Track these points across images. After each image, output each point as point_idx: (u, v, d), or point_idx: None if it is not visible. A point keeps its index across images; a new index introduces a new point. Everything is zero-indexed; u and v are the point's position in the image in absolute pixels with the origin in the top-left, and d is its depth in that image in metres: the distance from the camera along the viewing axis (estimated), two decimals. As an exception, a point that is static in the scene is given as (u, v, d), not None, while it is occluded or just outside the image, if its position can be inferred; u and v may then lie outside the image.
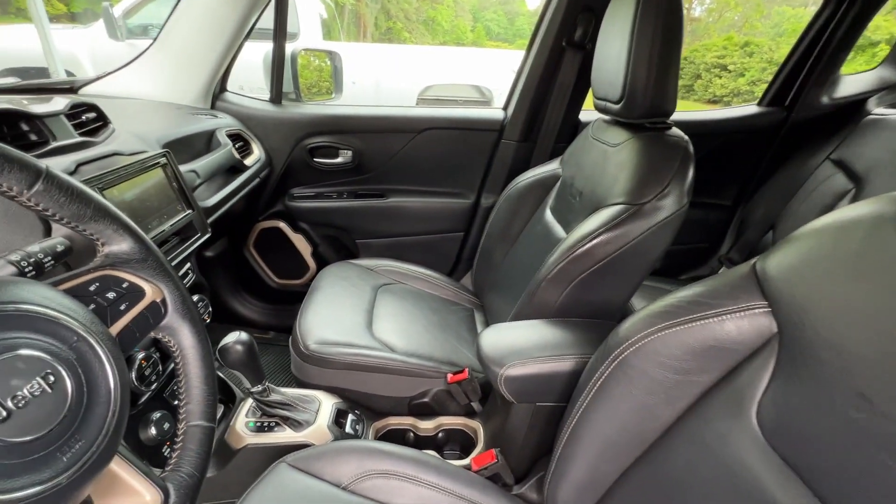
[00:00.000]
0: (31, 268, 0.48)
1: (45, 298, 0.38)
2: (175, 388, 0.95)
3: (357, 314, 1.20)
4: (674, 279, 1.71)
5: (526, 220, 1.30)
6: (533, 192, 1.29)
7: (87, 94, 1.30)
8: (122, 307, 0.46)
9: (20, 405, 0.33)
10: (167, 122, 1.08)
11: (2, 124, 0.62)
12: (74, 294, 0.43)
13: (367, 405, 1.06)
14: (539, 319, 0.92)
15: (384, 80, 5.03)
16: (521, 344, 0.83)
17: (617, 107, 0.95)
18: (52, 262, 0.48)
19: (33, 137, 0.65)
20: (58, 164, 0.64)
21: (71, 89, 1.29)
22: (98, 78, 1.31)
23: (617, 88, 0.93)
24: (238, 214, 1.54)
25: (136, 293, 0.48)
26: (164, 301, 0.51)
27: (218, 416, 0.97)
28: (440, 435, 1.05)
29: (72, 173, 0.65)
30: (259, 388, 0.85)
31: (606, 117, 1.11)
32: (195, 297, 0.94)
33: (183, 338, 0.52)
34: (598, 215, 0.89)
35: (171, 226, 0.78)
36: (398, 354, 1.05)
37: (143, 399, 0.77)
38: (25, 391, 0.33)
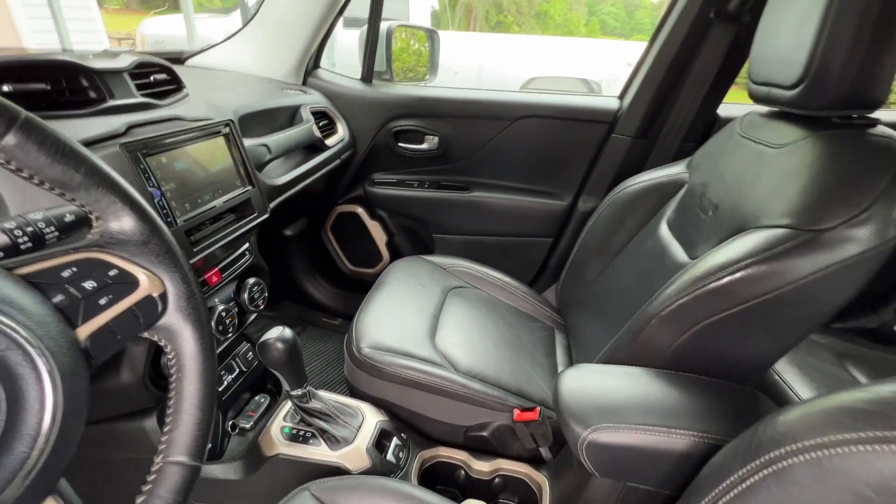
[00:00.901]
0: (26, 239, 0.40)
1: None
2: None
3: (421, 318, 1.07)
4: (823, 326, 1.33)
5: (632, 233, 1.07)
6: (646, 199, 1.05)
7: (192, 65, 1.32)
8: (103, 301, 0.37)
9: None
10: (250, 94, 1.03)
11: (61, 79, 0.57)
12: (37, 281, 0.34)
13: (416, 427, 0.93)
14: (643, 368, 0.70)
15: (487, 71, 4.87)
16: (616, 400, 0.63)
17: (790, 93, 0.69)
18: (57, 234, 0.41)
19: (92, 94, 0.60)
20: (108, 124, 0.58)
21: (179, 60, 1.33)
22: (202, 50, 1.34)
23: (794, 68, 0.66)
24: (318, 195, 1.50)
25: (125, 284, 0.38)
26: (163, 296, 0.41)
27: (260, 412, 0.91)
28: (496, 480, 0.88)
29: (121, 135, 0.59)
30: (298, 392, 0.76)
31: (765, 109, 0.84)
32: (251, 281, 0.87)
33: (183, 343, 0.42)
34: (744, 240, 0.65)
35: (225, 202, 0.70)
36: (459, 376, 0.90)
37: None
38: None
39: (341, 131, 1.35)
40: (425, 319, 1.07)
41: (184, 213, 0.62)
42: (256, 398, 0.94)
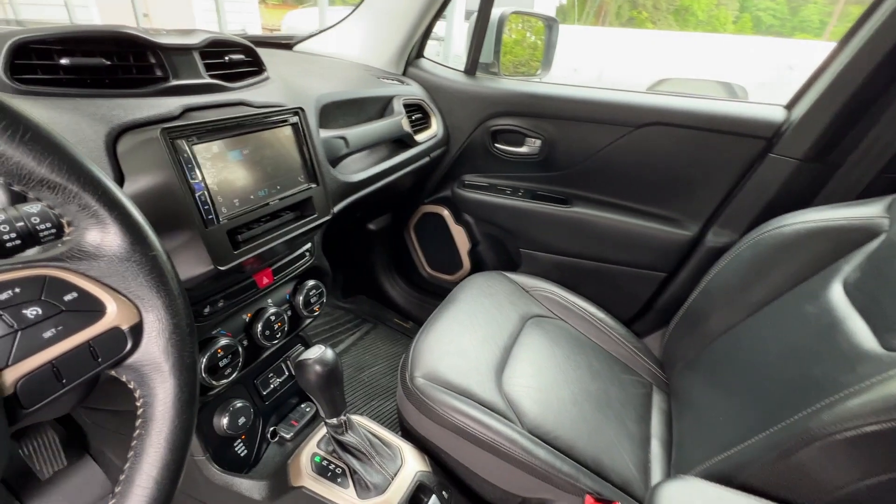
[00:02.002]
0: (14, 235, 0.34)
1: None
2: (259, 379, 0.85)
3: (489, 349, 0.92)
4: None
5: (782, 288, 0.80)
6: (811, 246, 0.77)
7: (299, 50, 1.32)
8: (48, 333, 0.29)
9: None
10: (341, 82, 0.97)
11: (128, 55, 0.53)
12: None
13: (464, 482, 0.79)
14: None
15: (610, 69, 4.46)
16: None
17: None
18: (55, 231, 0.34)
19: (158, 73, 0.56)
20: (163, 106, 0.53)
21: (288, 45, 1.33)
22: (310, 36, 1.32)
23: None
24: (403, 192, 1.42)
25: (84, 312, 0.30)
26: (136, 328, 0.32)
27: (304, 422, 0.85)
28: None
29: (175, 118, 0.54)
30: (334, 422, 0.67)
31: None
32: (309, 283, 0.80)
33: (155, 391, 0.33)
34: None
35: (282, 199, 0.63)
36: (523, 436, 0.74)
37: (214, 392, 0.66)
38: None
39: (435, 127, 1.24)
40: (495, 351, 0.93)
41: (231, 210, 0.56)
42: (302, 406, 0.88)
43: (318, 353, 0.63)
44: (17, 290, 0.28)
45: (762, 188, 1.00)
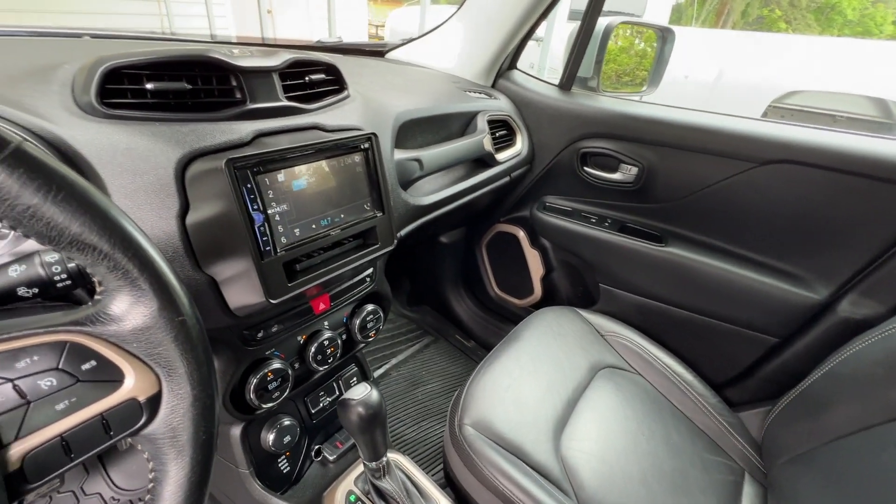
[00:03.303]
0: (65, 276, 0.34)
1: None
2: (309, 397, 0.85)
3: (551, 400, 0.84)
4: None
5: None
6: None
7: (391, 58, 1.31)
8: (61, 406, 0.27)
9: None
10: (424, 96, 0.93)
11: (211, 78, 0.53)
12: None
13: (504, 551, 0.72)
14: None
15: (728, 78, 3.97)
16: None
17: None
18: (69, 281, 0.33)
19: (237, 95, 0.55)
20: (235, 132, 0.53)
21: (381, 53, 1.33)
22: (403, 43, 1.31)
23: None
24: (478, 210, 1.36)
25: (100, 383, 0.28)
26: (154, 399, 0.30)
27: (348, 445, 0.83)
28: None
29: (245, 144, 0.53)
30: (373, 465, 0.63)
31: None
32: (368, 308, 0.78)
33: (167, 466, 0.31)
34: None
35: (344, 229, 0.60)
36: (576, 518, 0.65)
37: (261, 413, 0.65)
38: None
39: (519, 145, 1.16)
40: (557, 404, 0.84)
41: (290, 240, 0.54)
42: None
43: (362, 394, 0.59)
44: (35, 357, 0.26)
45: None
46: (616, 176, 1.13)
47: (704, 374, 1.00)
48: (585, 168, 1.17)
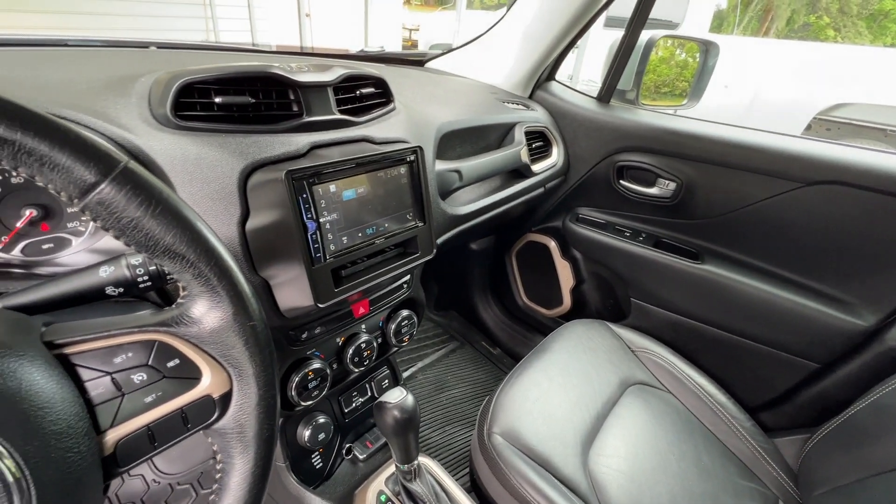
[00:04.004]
0: (146, 278, 0.37)
1: None
2: (343, 396, 0.87)
3: (580, 414, 0.84)
4: None
5: None
6: None
7: (431, 68, 1.34)
8: (150, 398, 0.30)
9: None
10: (464, 108, 0.95)
11: (272, 92, 0.57)
12: (82, 365, 0.28)
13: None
14: None
15: (770, 88, 3.83)
16: None
17: None
18: (149, 283, 0.37)
19: (295, 108, 0.58)
20: (292, 143, 0.56)
21: (420, 62, 1.36)
22: (442, 53, 1.33)
23: None
24: (512, 218, 1.36)
25: (182, 380, 0.31)
26: (225, 397, 0.33)
27: (378, 445, 0.85)
28: None
29: (302, 156, 0.56)
30: (405, 468, 0.65)
31: None
32: (403, 313, 0.80)
33: (234, 459, 0.33)
34: None
35: (387, 238, 0.62)
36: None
37: (299, 410, 0.68)
38: None
39: (555, 156, 1.16)
40: (585, 418, 0.84)
41: (338, 247, 0.56)
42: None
43: (398, 398, 0.61)
44: (130, 354, 0.29)
45: None
46: (653, 190, 1.12)
47: (738, 396, 0.98)
48: (621, 181, 1.16)
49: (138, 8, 3.94)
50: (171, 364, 0.31)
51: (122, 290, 0.36)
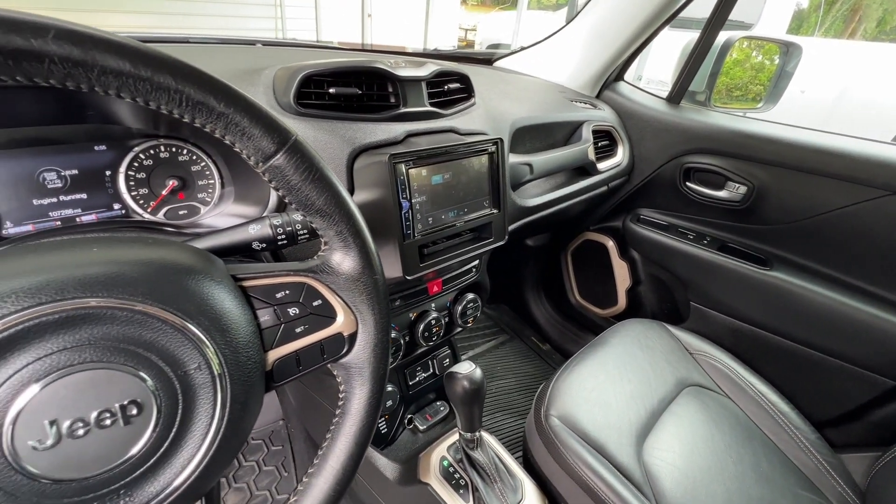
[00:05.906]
0: (283, 236, 0.44)
1: (205, 298, 0.30)
2: (408, 370, 0.93)
3: (635, 408, 0.85)
4: None
5: None
6: None
7: (499, 67, 1.38)
8: (299, 329, 0.36)
9: (77, 433, 0.26)
10: (535, 105, 0.98)
11: (374, 84, 0.63)
12: (255, 297, 0.35)
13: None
14: None
15: (853, 95, 3.57)
16: None
17: None
18: (307, 236, 0.44)
19: (393, 100, 0.65)
20: (391, 131, 0.62)
21: (488, 61, 1.41)
22: (512, 53, 1.37)
23: None
24: (571, 216, 1.38)
25: (322, 317, 0.37)
26: (353, 336, 0.39)
27: (437, 418, 0.91)
28: None
29: (399, 142, 0.62)
30: (468, 436, 0.70)
31: None
32: (469, 296, 0.85)
33: (355, 390, 0.40)
34: None
35: (466, 222, 0.67)
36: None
37: None
38: (92, 417, 0.26)
39: (620, 156, 1.17)
40: (641, 412, 0.85)
41: (425, 227, 0.62)
42: (437, 403, 0.94)
43: (468, 370, 0.66)
44: (287, 291, 0.36)
45: None
46: (721, 193, 1.10)
47: (802, 408, 0.95)
48: (688, 183, 1.15)
49: (215, 8, 4.27)
50: (316, 303, 0.37)
51: (264, 245, 0.44)
